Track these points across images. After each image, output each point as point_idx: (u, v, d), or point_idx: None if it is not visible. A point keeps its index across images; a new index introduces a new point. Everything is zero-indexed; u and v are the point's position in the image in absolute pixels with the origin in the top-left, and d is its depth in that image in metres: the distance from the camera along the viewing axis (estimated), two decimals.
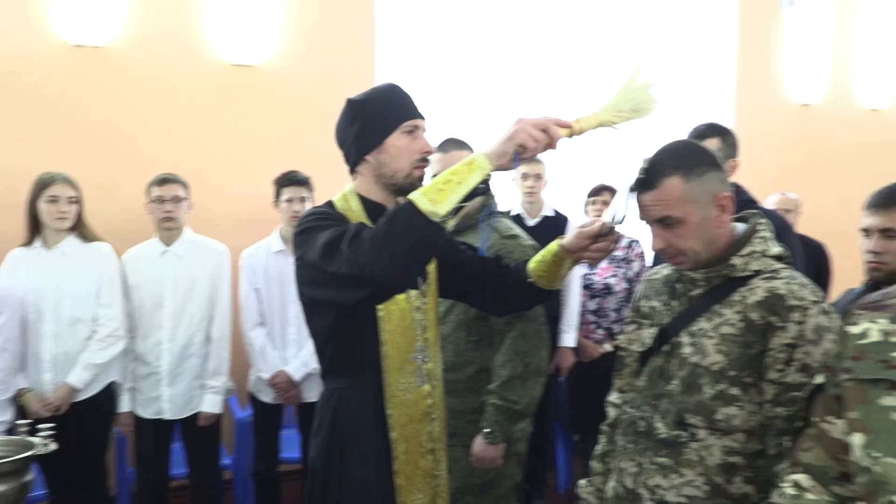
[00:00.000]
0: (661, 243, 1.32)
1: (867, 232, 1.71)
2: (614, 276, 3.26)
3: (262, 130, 3.47)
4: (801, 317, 1.21)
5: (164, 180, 2.74)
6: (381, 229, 1.29)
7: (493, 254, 1.87)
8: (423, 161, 1.55)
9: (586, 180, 3.63)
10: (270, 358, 2.86)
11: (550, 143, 1.35)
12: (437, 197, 1.27)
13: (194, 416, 2.75)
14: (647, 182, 1.31)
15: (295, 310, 2.90)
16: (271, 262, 2.92)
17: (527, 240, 2.19)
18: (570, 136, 1.41)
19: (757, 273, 1.30)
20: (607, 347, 3.21)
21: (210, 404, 2.73)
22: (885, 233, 1.67)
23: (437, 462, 1.66)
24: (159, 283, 2.72)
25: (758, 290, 1.27)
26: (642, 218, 1.36)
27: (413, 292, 1.59)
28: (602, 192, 3.39)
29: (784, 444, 1.16)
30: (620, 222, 1.42)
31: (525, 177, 3.25)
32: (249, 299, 2.91)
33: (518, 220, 3.26)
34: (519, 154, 1.33)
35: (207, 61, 3.37)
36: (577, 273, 3.23)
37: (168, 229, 2.75)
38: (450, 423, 1.82)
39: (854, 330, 0.90)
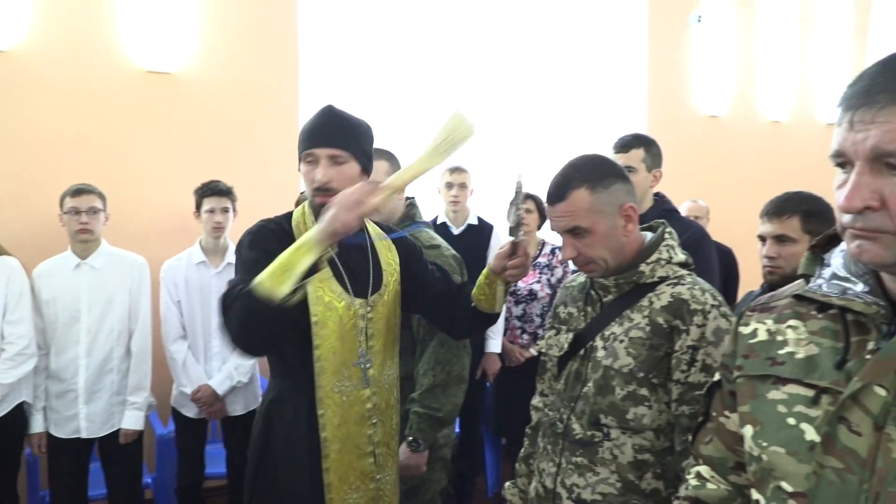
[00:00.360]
0: (572, 252, 1.40)
1: (763, 238, 1.84)
2: (538, 282, 3.36)
3: (181, 139, 3.39)
4: (702, 320, 1.30)
5: (79, 191, 2.65)
6: (235, 308, 1.42)
7: None
8: (319, 191, 1.58)
9: (511, 189, 3.72)
10: (193, 372, 2.80)
11: (364, 214, 1.44)
12: (275, 282, 1.36)
13: (114, 434, 2.66)
14: (556, 194, 1.38)
15: (218, 322, 2.86)
16: (192, 274, 2.87)
17: (448, 249, 2.23)
18: (391, 194, 1.50)
19: (664, 279, 1.38)
20: (532, 352, 3.30)
21: (131, 421, 2.65)
22: (779, 239, 1.79)
23: (380, 466, 1.69)
24: (75, 297, 2.62)
25: (663, 296, 1.35)
26: (553, 228, 1.43)
27: (357, 300, 1.64)
28: (526, 200, 3.48)
29: (689, 440, 1.24)
30: (517, 236, 1.51)
31: (450, 186, 3.31)
32: (170, 312, 2.84)
33: (443, 228, 3.31)
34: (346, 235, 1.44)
35: (122, 68, 3.27)
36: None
37: (84, 241, 2.65)
38: None
39: (745, 330, 0.98)
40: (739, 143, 5.10)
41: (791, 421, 0.84)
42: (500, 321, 3.29)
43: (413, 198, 2.38)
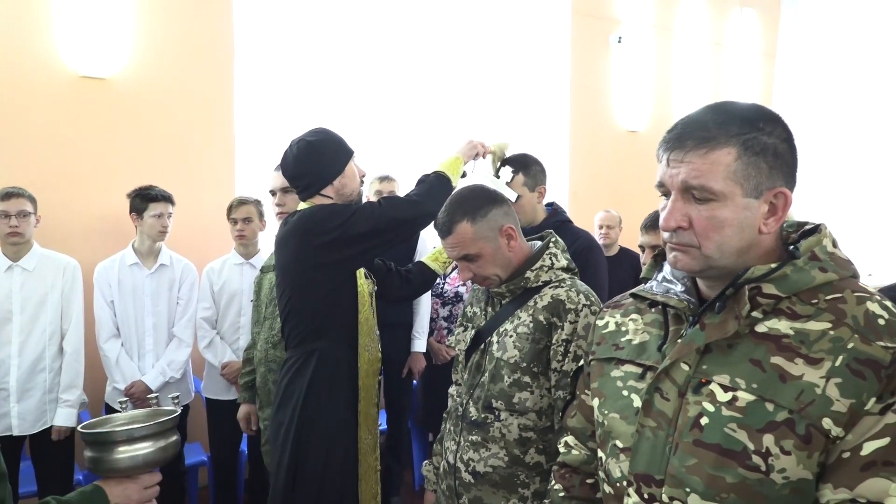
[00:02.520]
0: (468, 274, 1.64)
1: (643, 248, 2.08)
2: (464, 285, 3.56)
3: (115, 143, 3.43)
4: (575, 317, 1.52)
5: (8, 194, 2.69)
6: (432, 186, 2.15)
7: None
8: (361, 182, 2.18)
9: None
10: (126, 368, 2.88)
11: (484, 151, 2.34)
12: (454, 173, 2.24)
13: (46, 432, 2.72)
14: (444, 230, 1.62)
15: (151, 321, 2.96)
16: (125, 275, 2.95)
17: None
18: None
19: (548, 283, 1.61)
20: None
21: (63, 418, 2.71)
22: (654, 249, 2.04)
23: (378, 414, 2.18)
24: (6, 298, 2.67)
25: (545, 297, 1.58)
26: (448, 257, 1.66)
27: (369, 280, 2.14)
28: None
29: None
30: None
31: (379, 194, 3.48)
32: (104, 312, 2.91)
33: None
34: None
35: (56, 72, 3.29)
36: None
37: (14, 244, 2.70)
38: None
39: (600, 323, 1.20)
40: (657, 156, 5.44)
41: (625, 393, 1.06)
42: (426, 321, 3.49)
43: None
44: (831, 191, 6.27)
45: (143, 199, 2.95)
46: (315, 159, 2.09)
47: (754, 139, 0.92)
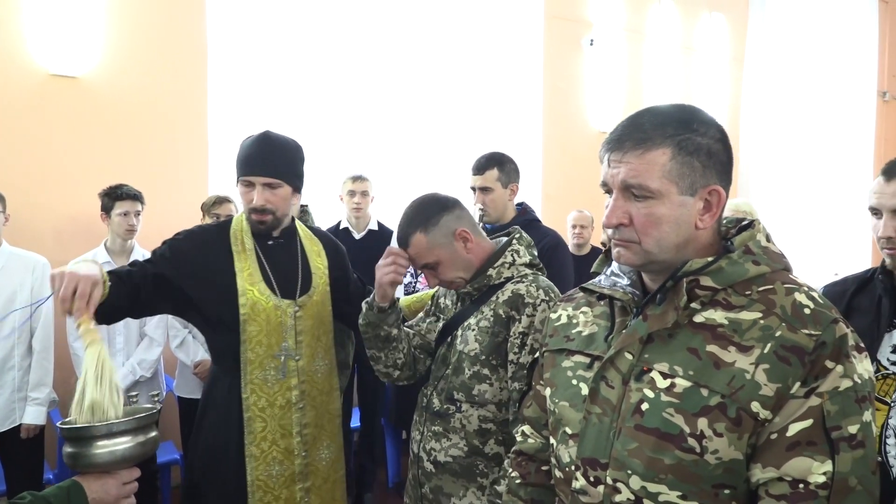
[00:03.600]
0: (434, 281, 1.69)
1: (604, 245, 2.14)
2: None
3: (86, 142, 3.43)
4: (532, 311, 1.57)
5: None
6: None
7: None
8: (253, 211, 1.85)
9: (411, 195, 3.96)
10: None
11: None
12: None
13: (15, 430, 2.71)
14: (401, 243, 1.66)
15: (121, 321, 2.95)
16: None
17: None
18: None
19: (510, 279, 1.65)
20: None
21: (33, 416, 2.71)
22: None
23: (308, 444, 1.92)
24: None
25: (506, 292, 1.62)
26: (414, 268, 1.69)
27: (285, 302, 1.89)
28: None
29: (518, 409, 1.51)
30: None
31: (352, 194, 3.52)
32: None
33: (346, 233, 3.52)
34: None
35: (26, 70, 3.29)
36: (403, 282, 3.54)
37: None
38: None
39: (553, 316, 1.26)
40: None
41: (574, 382, 1.11)
42: None
43: (307, 205, 2.59)
44: (797, 192, 6.43)
45: (111, 197, 2.97)
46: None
47: (688, 140, 0.98)
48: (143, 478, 2.90)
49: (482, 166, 2.54)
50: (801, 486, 0.89)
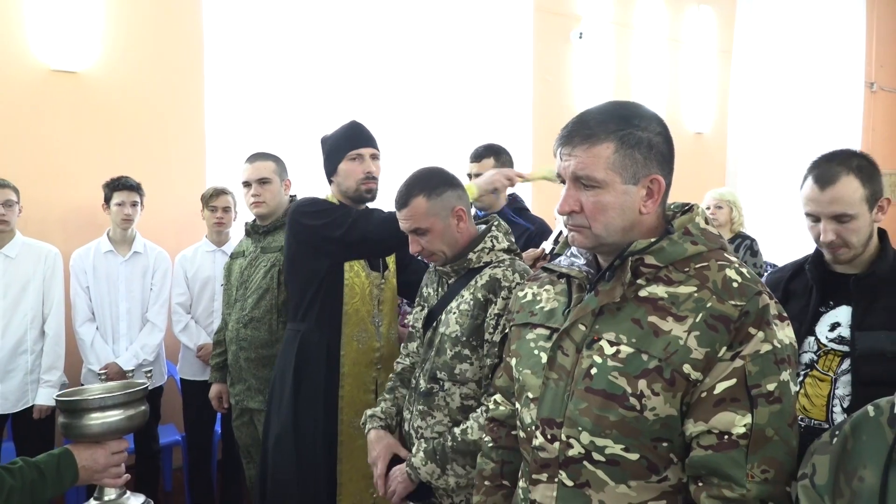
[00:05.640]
0: (417, 248, 1.79)
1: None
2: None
3: (89, 136, 3.53)
4: (508, 294, 1.69)
5: None
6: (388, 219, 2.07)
7: None
8: (368, 179, 2.22)
9: None
10: (101, 350, 3.03)
11: (509, 183, 2.23)
12: None
13: (27, 411, 2.85)
14: (400, 202, 1.75)
15: (125, 306, 3.10)
16: (100, 262, 3.10)
17: None
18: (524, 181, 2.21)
19: (488, 264, 1.78)
20: None
21: (45, 397, 2.85)
22: None
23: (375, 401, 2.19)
24: None
25: (485, 276, 1.75)
26: (402, 229, 1.79)
27: (374, 275, 2.28)
28: None
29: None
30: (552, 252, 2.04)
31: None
32: (79, 297, 3.06)
33: None
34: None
35: (27, 66, 3.37)
36: None
37: (0, 232, 2.83)
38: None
39: (520, 293, 1.39)
40: None
41: (536, 352, 1.24)
42: None
43: (296, 195, 2.77)
44: (785, 183, 6.54)
45: (110, 188, 3.10)
46: (323, 155, 2.30)
47: (630, 134, 1.11)
48: (145, 458, 3.08)
49: (479, 155, 2.72)
50: (726, 437, 1.02)
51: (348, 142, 2.21)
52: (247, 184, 2.72)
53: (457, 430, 1.66)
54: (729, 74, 6.51)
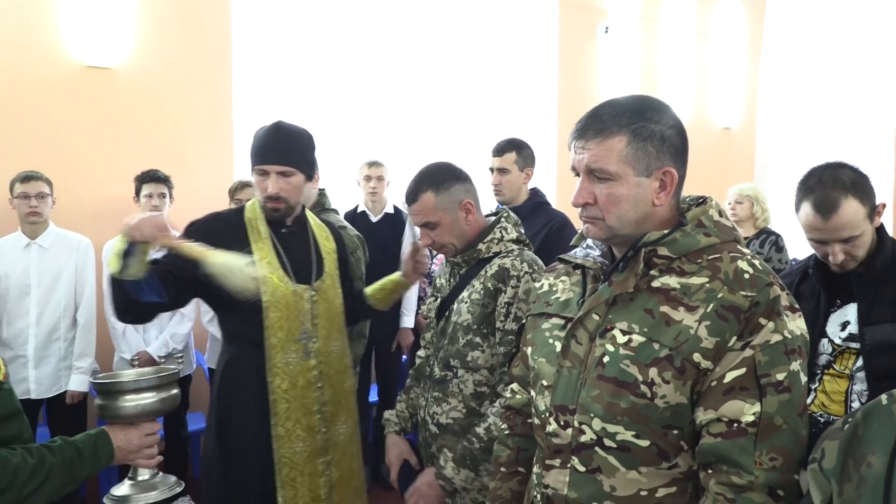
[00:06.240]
0: (427, 241, 1.83)
1: None
2: None
3: (121, 130, 3.62)
4: (516, 283, 1.72)
5: (28, 178, 2.91)
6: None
7: None
8: (268, 199, 1.94)
9: None
10: (132, 339, 3.11)
11: (156, 243, 1.80)
12: (112, 263, 1.78)
13: (60, 396, 2.95)
14: (410, 197, 1.80)
15: None
16: None
17: (352, 230, 2.80)
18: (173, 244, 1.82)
19: (498, 254, 1.81)
20: None
21: (77, 383, 2.94)
22: None
23: (328, 420, 2.01)
24: (25, 274, 2.90)
25: (494, 266, 1.78)
26: (413, 223, 1.83)
27: (301, 287, 1.98)
28: None
29: (505, 371, 1.70)
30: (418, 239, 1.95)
31: (368, 178, 3.69)
32: None
33: (363, 216, 3.69)
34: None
35: (62, 62, 3.47)
36: None
37: (33, 223, 2.93)
38: None
39: (537, 285, 1.41)
40: None
41: (550, 341, 1.27)
42: (414, 299, 3.70)
43: (324, 188, 2.78)
44: None
45: (140, 180, 3.19)
46: None
47: (642, 127, 1.12)
48: (174, 445, 3.16)
49: (502, 149, 2.74)
50: (735, 424, 1.04)
51: (254, 155, 1.97)
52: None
53: (480, 430, 1.68)
54: (758, 68, 6.43)
